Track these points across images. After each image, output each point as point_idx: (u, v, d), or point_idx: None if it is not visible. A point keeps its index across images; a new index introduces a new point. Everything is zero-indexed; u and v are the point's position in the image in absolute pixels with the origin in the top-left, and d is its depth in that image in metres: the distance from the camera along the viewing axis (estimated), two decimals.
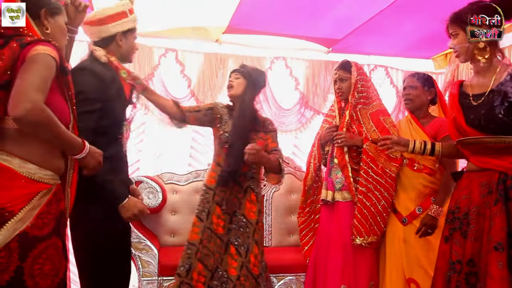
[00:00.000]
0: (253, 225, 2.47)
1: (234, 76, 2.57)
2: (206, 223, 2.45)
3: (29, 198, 1.44)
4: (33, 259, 1.42)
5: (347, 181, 2.60)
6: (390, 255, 2.56)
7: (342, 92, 2.71)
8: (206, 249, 2.41)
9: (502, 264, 1.68)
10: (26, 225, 1.42)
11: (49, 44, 1.49)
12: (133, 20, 2.09)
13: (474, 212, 1.84)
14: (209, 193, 2.50)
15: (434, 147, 2.13)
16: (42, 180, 1.49)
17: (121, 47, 2.07)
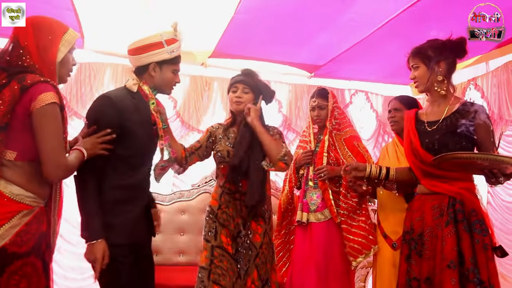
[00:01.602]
0: (257, 249, 2.32)
1: (242, 88, 2.39)
2: (214, 243, 2.33)
3: (10, 217, 1.55)
4: (10, 274, 1.52)
5: (328, 203, 2.70)
6: (381, 280, 2.63)
7: (321, 119, 2.83)
8: (219, 268, 2.27)
9: (454, 280, 1.83)
10: (5, 241, 1.52)
11: (48, 87, 1.62)
12: (170, 51, 2.05)
13: (428, 234, 2.00)
14: (212, 214, 2.40)
15: (389, 171, 2.28)
16: (23, 201, 1.60)
17: (154, 77, 2.06)
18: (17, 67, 1.63)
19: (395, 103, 2.76)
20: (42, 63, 1.68)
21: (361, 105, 4.63)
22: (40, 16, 1.75)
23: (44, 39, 1.69)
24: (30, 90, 1.58)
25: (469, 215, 1.95)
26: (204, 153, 2.49)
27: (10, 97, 1.57)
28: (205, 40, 3.60)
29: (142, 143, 2.00)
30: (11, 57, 1.64)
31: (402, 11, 2.95)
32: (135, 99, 2.00)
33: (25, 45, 1.65)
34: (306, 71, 4.26)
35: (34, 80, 1.60)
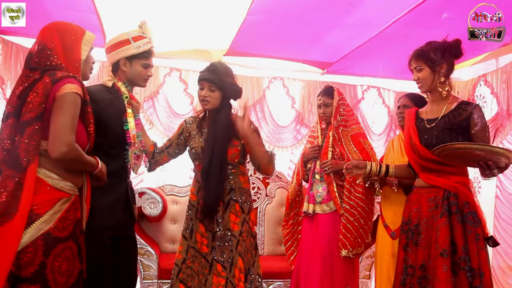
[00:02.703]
0: (236, 237, 2.29)
1: (208, 87, 2.32)
2: (190, 242, 2.35)
3: (53, 203, 1.71)
4: (54, 256, 1.67)
5: (332, 195, 2.84)
6: (381, 268, 2.77)
7: (326, 116, 2.96)
8: (190, 269, 2.31)
9: (446, 268, 1.97)
10: (49, 226, 1.67)
11: (75, 81, 1.77)
12: (137, 46, 2.24)
13: (424, 224, 2.15)
14: (191, 209, 2.40)
15: (388, 168, 2.42)
16: (63, 189, 1.75)
17: (125, 72, 2.26)
18: (46, 66, 1.79)
19: (404, 100, 2.86)
20: (68, 61, 1.84)
21: (373, 100, 4.72)
22: (61, 21, 1.94)
23: (68, 40, 1.86)
24: (59, 82, 1.73)
25: (462, 207, 2.08)
26: (175, 151, 2.48)
27: (43, 89, 1.72)
28: (220, 39, 3.73)
29: (117, 134, 2.19)
30: (40, 58, 1.80)
31: (411, 9, 3.03)
32: (112, 94, 2.22)
33: (52, 47, 1.81)
34: (318, 68, 4.36)
35: (64, 74, 1.77)
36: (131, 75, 2.28)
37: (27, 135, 1.69)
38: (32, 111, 1.70)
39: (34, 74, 1.77)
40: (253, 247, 2.36)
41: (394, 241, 2.64)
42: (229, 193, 2.35)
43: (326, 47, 3.82)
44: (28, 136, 1.69)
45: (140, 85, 2.37)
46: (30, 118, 1.70)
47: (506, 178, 3.76)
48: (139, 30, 2.33)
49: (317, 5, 3.06)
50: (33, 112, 1.70)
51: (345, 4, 2.99)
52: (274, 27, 3.44)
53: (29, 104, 1.72)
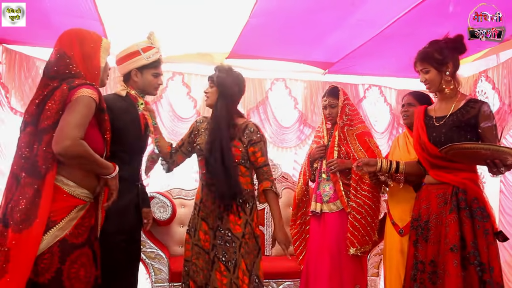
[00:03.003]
0: (239, 239, 2.32)
1: (209, 84, 2.48)
2: (194, 240, 2.42)
3: (69, 211, 1.72)
4: (71, 263, 1.68)
5: (339, 194, 2.86)
6: (390, 265, 2.79)
7: (332, 117, 2.98)
8: (195, 265, 2.38)
9: (456, 262, 2.01)
10: (65, 233, 1.69)
11: (92, 87, 1.78)
12: (147, 57, 2.32)
13: (433, 220, 2.18)
14: (196, 208, 2.47)
15: (399, 165, 2.45)
16: (79, 196, 1.77)
17: (137, 82, 2.35)
18: (65, 74, 1.80)
19: (408, 98, 2.89)
20: (87, 69, 1.86)
21: (375, 99, 4.74)
22: (79, 28, 1.94)
23: (87, 48, 1.87)
24: (75, 88, 1.74)
25: (471, 202, 2.11)
26: (188, 149, 2.56)
27: (60, 97, 1.73)
28: (223, 42, 3.76)
29: (130, 141, 2.27)
30: (59, 66, 1.81)
31: (411, 8, 3.06)
32: (126, 102, 2.29)
33: (71, 55, 1.83)
34: (320, 68, 4.39)
35: (81, 82, 1.78)
36: (143, 84, 2.36)
37: (45, 142, 1.70)
38: (50, 119, 1.71)
39: (53, 83, 1.79)
40: (255, 248, 2.39)
41: (403, 238, 2.66)
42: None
43: (327, 47, 3.85)
44: (46, 144, 1.69)
45: (151, 93, 2.45)
46: (48, 125, 1.71)
47: (511, 173, 3.78)
48: (147, 41, 2.40)
49: (319, 7, 3.08)
50: (50, 120, 1.71)
51: (347, 5, 3.02)
52: (276, 29, 3.46)
53: (47, 111, 1.72)
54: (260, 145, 2.43)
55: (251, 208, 2.42)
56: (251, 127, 2.44)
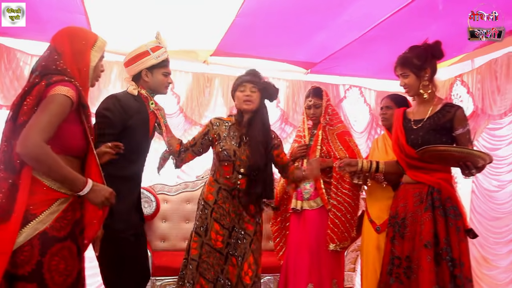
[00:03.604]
0: (251, 236, 2.49)
1: (250, 88, 2.49)
2: (204, 239, 2.48)
3: (49, 204, 1.70)
4: (51, 255, 1.66)
5: (320, 191, 2.96)
6: (366, 261, 2.90)
7: (316, 117, 3.07)
8: (206, 263, 2.45)
9: (430, 258, 2.14)
10: (46, 226, 1.66)
11: (69, 85, 1.74)
12: (156, 56, 2.35)
13: (410, 218, 2.30)
14: (207, 209, 2.51)
15: (378, 165, 2.55)
16: (60, 190, 1.73)
17: (148, 82, 2.38)
18: (50, 69, 1.78)
19: (387, 101, 2.99)
20: (76, 66, 1.84)
21: (355, 99, 4.84)
22: (74, 26, 1.94)
23: (78, 45, 1.85)
24: (52, 85, 1.72)
25: (445, 201, 2.24)
26: (199, 150, 2.60)
27: (37, 92, 1.71)
28: (208, 39, 3.79)
29: (139, 140, 2.30)
30: (47, 61, 1.80)
31: (393, 13, 3.16)
32: (138, 102, 2.32)
33: (61, 51, 1.82)
34: (302, 68, 4.47)
35: (59, 78, 1.75)
36: (153, 84, 2.40)
37: None
38: (26, 114, 1.69)
39: (35, 78, 1.77)
40: (260, 246, 2.58)
41: (379, 235, 2.77)
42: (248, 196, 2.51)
43: (310, 48, 3.93)
44: None
45: (162, 92, 2.47)
46: (23, 121, 1.68)
47: (482, 174, 3.94)
48: (155, 41, 2.43)
49: (303, 9, 3.16)
50: (26, 115, 1.69)
51: (331, 7, 3.10)
52: (261, 29, 3.52)
53: (24, 107, 1.70)
54: (282, 147, 2.73)
55: (260, 209, 2.60)
56: (273, 134, 2.67)
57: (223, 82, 4.38)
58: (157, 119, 2.41)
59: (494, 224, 3.94)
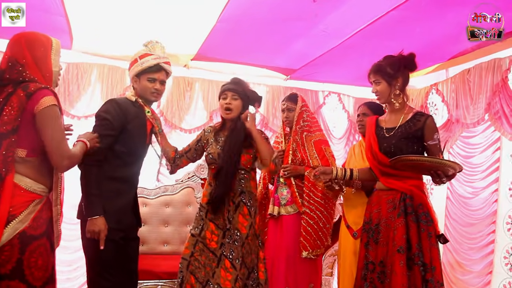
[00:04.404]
0: (243, 239, 2.49)
1: (231, 96, 2.53)
2: (198, 237, 2.52)
3: (27, 205, 1.83)
4: (30, 253, 1.79)
5: (293, 195, 3.00)
6: (344, 265, 2.96)
7: (289, 121, 3.12)
8: (197, 261, 2.47)
9: (402, 263, 2.19)
10: (24, 225, 1.80)
11: (49, 93, 1.87)
12: (141, 63, 2.38)
13: (383, 224, 2.36)
14: (202, 211, 2.57)
15: (352, 172, 2.59)
16: (35, 191, 1.88)
17: (136, 88, 2.44)
18: (18, 80, 1.86)
19: (363, 109, 3.06)
20: (40, 73, 1.92)
21: (334, 106, 4.91)
22: (27, 32, 1.98)
23: (38, 52, 1.93)
24: (33, 96, 1.82)
25: (417, 208, 2.30)
26: (193, 155, 2.69)
27: (18, 103, 1.81)
28: (189, 44, 3.81)
29: (137, 144, 2.37)
30: (11, 74, 1.86)
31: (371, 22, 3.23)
32: (136, 107, 2.39)
33: (24, 62, 1.88)
34: (282, 74, 4.52)
35: (37, 87, 1.85)
36: (140, 90, 2.44)
37: (4, 147, 1.79)
38: (8, 124, 1.80)
39: (7, 88, 1.85)
40: (257, 248, 2.57)
41: (356, 240, 2.82)
42: (240, 195, 2.54)
43: (290, 54, 3.99)
44: (5, 148, 1.79)
45: (149, 99, 2.46)
46: (7, 131, 1.79)
47: (456, 181, 4.05)
48: (146, 49, 2.48)
49: (284, 16, 3.21)
50: (9, 125, 1.80)
51: (310, 16, 3.15)
52: (241, 34, 3.56)
53: (4, 117, 1.80)
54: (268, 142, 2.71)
55: (255, 212, 2.59)
56: (259, 131, 2.68)
57: (204, 86, 4.41)
58: (153, 127, 2.48)
59: (468, 230, 4.03)
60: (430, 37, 3.36)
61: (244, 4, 3.03)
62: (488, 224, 3.86)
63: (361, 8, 3.06)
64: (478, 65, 3.69)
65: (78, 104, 4.07)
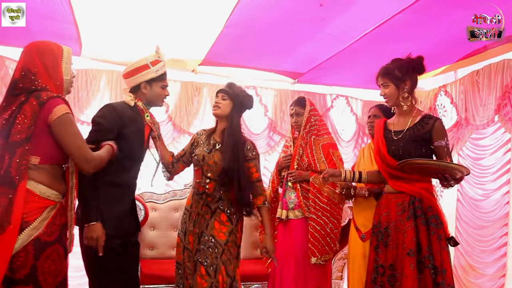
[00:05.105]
0: (222, 246, 2.45)
1: (221, 96, 2.60)
2: (184, 243, 2.54)
3: (41, 211, 1.86)
4: (44, 259, 1.83)
5: (299, 200, 3.00)
6: (353, 268, 2.95)
7: (298, 125, 3.12)
8: (188, 268, 2.50)
9: (413, 266, 2.18)
10: (39, 232, 1.83)
11: (61, 101, 1.91)
12: (156, 70, 2.40)
13: (393, 227, 2.35)
14: (185, 213, 2.60)
15: (361, 175, 2.59)
16: (49, 198, 1.90)
17: (146, 94, 2.43)
18: (30, 89, 1.90)
19: (374, 110, 3.05)
20: (51, 81, 1.96)
21: (341, 109, 4.90)
22: (39, 41, 2.02)
23: (49, 61, 1.97)
24: (46, 105, 1.86)
25: (426, 211, 2.28)
26: (189, 159, 2.70)
27: (31, 112, 1.85)
28: (196, 49, 3.84)
29: (134, 148, 2.36)
30: (24, 83, 1.91)
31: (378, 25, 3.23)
32: (133, 111, 2.38)
33: (35, 71, 1.92)
34: (290, 78, 4.53)
35: (48, 96, 1.89)
36: (151, 96, 2.45)
37: (18, 155, 1.82)
38: (22, 133, 1.83)
39: (19, 97, 1.88)
40: (236, 256, 2.53)
41: (365, 243, 2.82)
42: (217, 202, 2.54)
43: (297, 58, 3.99)
44: (20, 156, 1.83)
45: (159, 104, 2.52)
46: (20, 139, 1.83)
47: (467, 183, 4.03)
48: (155, 55, 2.48)
49: (291, 21, 3.22)
50: (22, 134, 1.83)
51: (317, 20, 3.16)
52: (248, 39, 3.57)
53: (17, 125, 1.84)
54: (255, 162, 2.63)
55: (237, 219, 2.58)
56: (248, 145, 2.63)
57: (211, 91, 4.42)
58: (152, 131, 2.48)
59: (480, 233, 4.00)
60: (437, 39, 3.34)
61: (251, 9, 3.04)
62: (500, 226, 3.82)
63: (368, 12, 3.06)
64: (487, 66, 3.67)
65: (88, 110, 4.10)
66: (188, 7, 3.14)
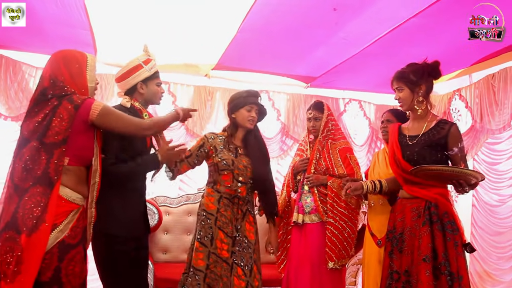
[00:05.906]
0: (253, 245, 2.61)
1: (256, 110, 2.72)
2: (210, 248, 2.52)
3: (67, 214, 1.92)
4: (68, 261, 1.88)
5: (316, 204, 2.99)
6: (368, 274, 2.91)
7: (316, 130, 3.10)
8: (214, 273, 2.48)
9: (428, 272, 2.15)
10: (64, 234, 1.89)
11: (93, 99, 2.02)
12: (149, 68, 2.42)
13: (407, 232, 2.32)
14: (210, 218, 2.57)
15: (382, 184, 2.57)
16: (74, 201, 1.96)
17: (143, 94, 2.44)
18: (60, 95, 1.97)
19: (388, 115, 3.03)
20: (77, 87, 2.03)
21: (354, 113, 4.89)
22: (64, 50, 2.11)
23: (74, 69, 2.04)
24: (82, 106, 1.94)
25: (442, 216, 2.25)
26: (194, 161, 2.68)
27: (68, 115, 1.92)
28: (209, 54, 3.87)
29: (137, 150, 2.36)
30: (54, 90, 1.97)
31: (391, 30, 3.22)
32: (131, 112, 2.37)
33: (63, 79, 2.00)
34: (302, 82, 4.53)
35: (81, 98, 1.97)
36: (148, 95, 2.47)
37: (56, 156, 1.89)
38: (59, 135, 1.90)
39: (51, 102, 1.95)
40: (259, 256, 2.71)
41: (380, 248, 2.78)
42: (247, 204, 2.68)
43: (310, 62, 4.00)
44: (57, 157, 1.90)
45: (156, 102, 2.55)
46: (58, 140, 1.89)
47: (482, 188, 3.97)
48: (145, 54, 2.50)
49: (304, 25, 3.23)
50: (60, 136, 1.90)
51: (330, 25, 3.16)
52: (261, 44, 3.59)
53: (54, 128, 1.90)
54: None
55: (255, 219, 2.75)
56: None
57: (225, 95, 4.43)
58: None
59: (496, 239, 3.93)
60: (451, 43, 3.31)
61: (264, 14, 3.06)
62: None
63: (381, 16, 3.05)
64: (503, 69, 3.63)
65: None
66: (202, 12, 3.16)
